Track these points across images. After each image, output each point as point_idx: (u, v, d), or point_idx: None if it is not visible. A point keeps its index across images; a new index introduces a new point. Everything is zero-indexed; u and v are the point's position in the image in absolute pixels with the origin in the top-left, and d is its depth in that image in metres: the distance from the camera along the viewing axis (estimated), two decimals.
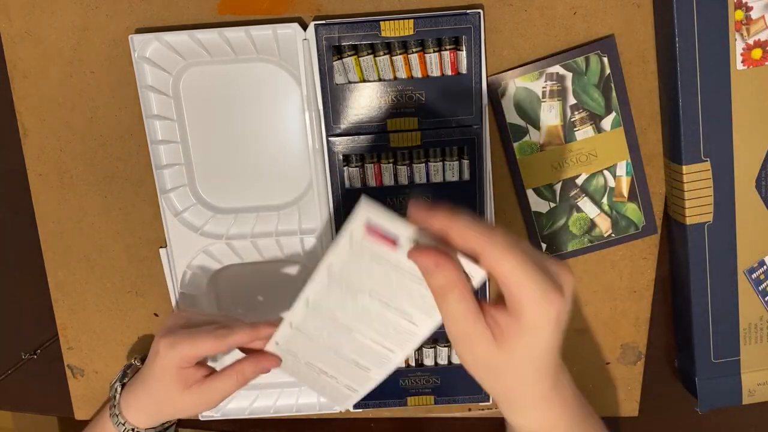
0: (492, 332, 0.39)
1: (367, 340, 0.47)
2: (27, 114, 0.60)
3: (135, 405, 0.56)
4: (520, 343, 0.39)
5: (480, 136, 0.57)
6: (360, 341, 0.48)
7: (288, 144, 0.59)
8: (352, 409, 0.64)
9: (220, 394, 0.54)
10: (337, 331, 0.48)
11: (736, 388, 0.61)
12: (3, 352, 0.68)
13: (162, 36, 0.56)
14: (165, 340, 0.53)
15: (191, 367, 0.54)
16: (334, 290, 0.45)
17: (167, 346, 0.53)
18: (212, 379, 0.54)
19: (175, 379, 0.54)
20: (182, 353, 0.53)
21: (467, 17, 0.54)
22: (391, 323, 0.45)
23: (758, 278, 0.59)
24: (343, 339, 0.48)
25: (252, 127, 0.59)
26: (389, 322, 0.45)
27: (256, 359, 0.53)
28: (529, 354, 0.40)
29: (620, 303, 0.62)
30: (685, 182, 0.56)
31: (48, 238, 0.63)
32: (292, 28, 0.55)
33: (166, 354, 0.53)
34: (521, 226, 0.60)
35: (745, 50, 0.54)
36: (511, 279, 0.37)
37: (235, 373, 0.54)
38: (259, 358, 0.53)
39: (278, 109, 0.58)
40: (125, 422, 0.56)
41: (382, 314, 0.44)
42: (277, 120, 0.59)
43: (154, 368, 0.54)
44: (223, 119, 0.59)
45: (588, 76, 0.57)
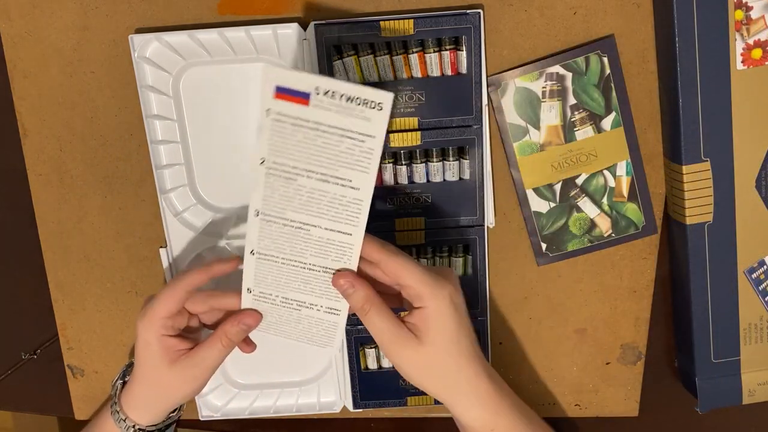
0: (412, 332, 0.47)
1: (324, 230, 0.48)
2: (27, 114, 0.60)
3: (134, 400, 0.56)
4: (433, 330, 0.47)
5: (480, 136, 0.57)
6: (318, 236, 0.48)
7: None
8: (352, 409, 0.64)
9: (208, 363, 0.53)
10: (295, 236, 0.48)
11: (737, 388, 0.61)
12: (3, 352, 0.68)
13: (162, 36, 0.56)
14: (139, 317, 0.54)
15: (173, 338, 0.53)
16: (275, 186, 0.47)
17: (140, 318, 0.53)
18: (196, 349, 0.53)
19: (160, 353, 0.53)
20: (154, 316, 0.52)
21: (467, 17, 0.54)
22: (336, 198, 0.47)
23: (758, 278, 0.59)
24: (302, 243, 0.48)
25: (252, 127, 0.59)
26: (334, 197, 0.47)
27: (235, 317, 0.52)
28: (445, 338, 0.47)
29: (620, 303, 0.62)
30: (685, 182, 0.56)
31: (48, 238, 0.63)
32: (292, 28, 0.55)
33: (141, 326, 0.53)
34: (521, 226, 0.60)
35: (745, 50, 0.54)
36: (406, 275, 0.47)
37: (217, 337, 0.53)
38: (238, 315, 0.52)
39: None
40: (126, 419, 0.56)
41: (325, 191, 0.47)
42: None
43: (139, 352, 0.54)
44: (223, 119, 0.59)
45: (588, 76, 0.57)
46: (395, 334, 0.47)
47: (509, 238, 0.61)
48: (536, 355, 0.64)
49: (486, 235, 0.60)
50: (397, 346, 0.48)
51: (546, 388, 0.65)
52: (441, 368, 0.49)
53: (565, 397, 0.65)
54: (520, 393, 0.64)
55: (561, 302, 0.62)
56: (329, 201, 0.47)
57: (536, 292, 0.62)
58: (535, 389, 0.65)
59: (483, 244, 0.60)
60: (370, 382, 0.63)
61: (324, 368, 0.65)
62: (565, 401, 0.65)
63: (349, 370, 0.63)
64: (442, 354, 0.48)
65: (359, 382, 0.63)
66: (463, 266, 0.61)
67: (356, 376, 0.63)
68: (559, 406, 0.65)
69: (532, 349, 0.64)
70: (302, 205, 0.47)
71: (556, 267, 0.61)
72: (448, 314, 0.48)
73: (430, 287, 0.47)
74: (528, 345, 0.64)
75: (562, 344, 0.63)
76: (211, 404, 0.65)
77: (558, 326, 0.63)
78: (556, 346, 0.63)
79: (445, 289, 0.47)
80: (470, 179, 0.58)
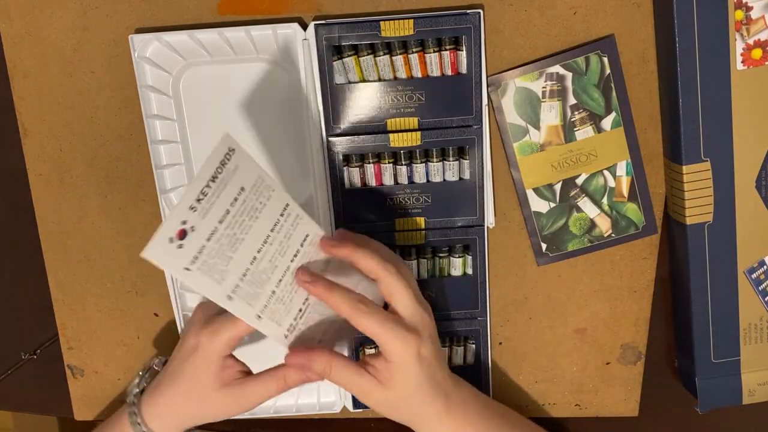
0: (377, 378, 0.50)
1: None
2: (27, 114, 0.60)
3: (160, 412, 0.55)
4: (396, 380, 0.50)
5: (480, 136, 0.57)
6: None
7: (288, 144, 0.59)
8: (352, 409, 0.64)
9: (258, 399, 0.53)
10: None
11: (737, 388, 0.61)
12: (3, 352, 0.68)
13: (162, 36, 0.56)
14: (207, 330, 0.53)
15: (231, 362, 0.53)
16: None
17: (211, 334, 0.52)
18: (252, 380, 0.53)
19: (216, 373, 0.52)
20: (227, 333, 0.52)
21: (467, 17, 0.54)
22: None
23: (758, 278, 0.59)
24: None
25: (252, 127, 0.59)
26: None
27: (301, 366, 0.51)
28: (408, 386, 0.50)
29: (620, 303, 0.62)
30: (685, 182, 0.56)
31: (48, 237, 0.63)
32: (292, 28, 0.55)
33: (210, 341, 0.52)
34: (521, 226, 0.60)
35: (745, 50, 0.54)
36: (376, 336, 0.49)
37: (275, 378, 0.52)
38: (305, 365, 0.51)
39: (278, 109, 0.58)
40: (142, 423, 0.54)
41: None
42: (277, 120, 0.59)
43: (192, 363, 0.53)
44: (223, 119, 0.59)
45: (588, 76, 0.57)
46: (358, 384, 0.51)
47: (509, 238, 0.61)
48: (536, 355, 0.64)
49: (486, 235, 0.60)
50: (364, 394, 0.51)
51: (546, 388, 0.65)
52: (408, 407, 0.52)
53: (565, 397, 0.65)
54: (521, 393, 0.64)
55: (561, 302, 0.62)
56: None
57: (536, 292, 0.62)
58: (535, 389, 0.65)
59: (483, 244, 0.60)
60: None
61: None
62: (565, 401, 0.65)
63: None
64: (404, 398, 0.51)
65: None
66: (463, 266, 0.61)
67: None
68: (559, 406, 0.65)
69: (532, 350, 0.64)
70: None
71: (556, 267, 0.61)
72: (413, 369, 0.50)
73: (396, 347, 0.49)
74: (528, 345, 0.64)
75: (562, 344, 0.63)
76: None
77: (558, 326, 0.63)
78: (556, 346, 0.63)
79: (411, 348, 0.50)
80: (470, 179, 0.58)
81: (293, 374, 0.52)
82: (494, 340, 0.63)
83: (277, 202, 0.46)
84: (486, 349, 0.63)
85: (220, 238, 0.44)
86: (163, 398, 0.55)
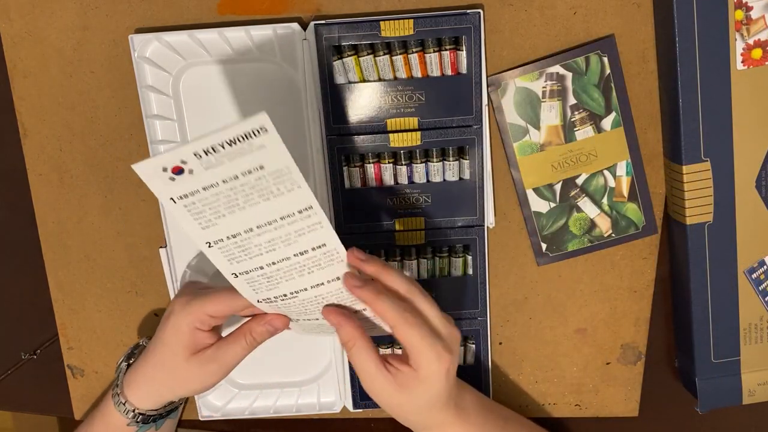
0: (394, 377, 0.49)
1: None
2: (27, 114, 0.60)
3: (137, 383, 0.55)
4: (417, 390, 0.50)
5: (480, 136, 0.57)
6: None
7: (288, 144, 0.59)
8: (352, 409, 0.64)
9: (228, 359, 0.53)
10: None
11: (737, 388, 0.61)
12: (3, 352, 0.68)
13: (162, 36, 0.56)
14: (180, 299, 0.53)
15: (204, 332, 0.53)
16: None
17: (183, 304, 0.52)
18: (219, 343, 0.53)
19: (185, 341, 0.52)
20: (198, 310, 0.52)
21: (467, 17, 0.54)
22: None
23: (758, 278, 0.59)
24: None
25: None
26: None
27: (263, 317, 0.52)
28: (425, 396, 0.50)
29: (620, 303, 0.62)
30: (686, 182, 0.56)
31: (48, 238, 0.63)
32: (291, 28, 0.55)
33: (181, 311, 0.52)
34: (521, 226, 0.60)
35: (746, 50, 0.54)
36: (412, 347, 0.48)
37: (242, 334, 0.52)
38: (267, 317, 0.52)
39: (278, 109, 0.58)
40: (125, 402, 0.55)
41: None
42: (277, 120, 0.59)
43: (164, 331, 0.53)
44: (223, 119, 0.59)
45: (588, 76, 0.57)
46: (373, 373, 0.50)
47: (509, 238, 0.61)
48: (536, 355, 0.64)
49: (486, 235, 0.60)
50: (372, 383, 0.50)
51: (546, 388, 0.65)
52: (416, 412, 0.52)
53: (566, 397, 0.65)
54: (521, 393, 0.64)
55: (561, 302, 0.62)
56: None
57: (536, 292, 0.62)
58: (536, 389, 0.64)
59: (483, 244, 0.60)
60: None
61: (324, 368, 0.65)
62: (565, 401, 0.65)
63: (349, 370, 0.63)
64: (418, 406, 0.51)
65: (359, 382, 0.63)
66: (463, 266, 0.61)
67: (356, 376, 0.63)
68: (560, 406, 0.65)
69: (532, 350, 0.64)
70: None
71: (556, 267, 0.61)
72: (438, 384, 0.50)
73: (430, 364, 0.49)
74: (528, 345, 0.64)
75: (562, 344, 0.63)
76: (211, 404, 0.65)
77: (558, 326, 0.63)
78: (556, 346, 0.63)
79: (443, 366, 0.49)
80: (470, 179, 0.58)
81: (258, 326, 0.52)
82: (494, 340, 0.63)
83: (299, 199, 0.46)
84: (486, 349, 0.63)
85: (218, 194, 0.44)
86: (140, 369, 0.55)
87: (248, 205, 0.44)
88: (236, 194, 0.44)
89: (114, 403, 0.56)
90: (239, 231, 0.46)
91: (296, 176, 0.44)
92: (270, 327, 0.52)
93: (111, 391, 0.57)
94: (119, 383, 0.56)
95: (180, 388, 0.55)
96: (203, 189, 0.43)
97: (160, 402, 0.56)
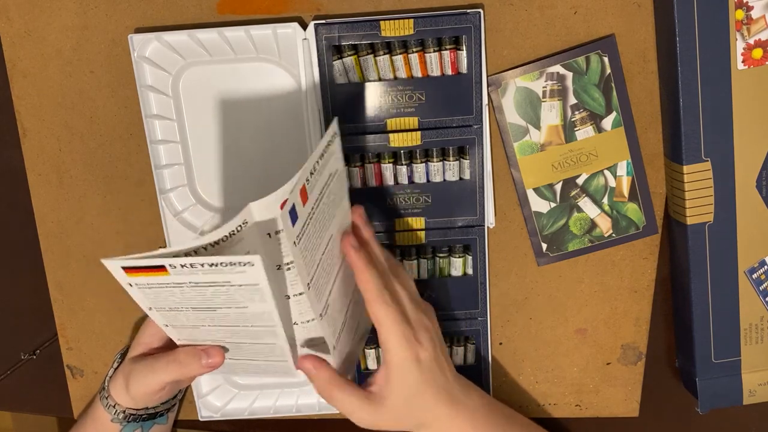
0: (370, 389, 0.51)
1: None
2: (26, 114, 0.60)
3: (115, 380, 0.57)
4: (394, 388, 0.50)
5: (480, 136, 0.57)
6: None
7: (288, 144, 0.59)
8: None
9: (154, 377, 0.53)
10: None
11: (737, 389, 0.60)
12: (2, 353, 0.68)
13: (162, 36, 0.56)
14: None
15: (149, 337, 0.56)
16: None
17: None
18: (153, 358, 0.53)
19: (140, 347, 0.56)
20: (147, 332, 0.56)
21: (467, 17, 0.54)
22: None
23: (759, 278, 0.59)
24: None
25: (251, 126, 0.59)
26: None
27: (200, 349, 0.51)
28: (403, 388, 0.50)
29: (620, 303, 0.62)
30: (686, 182, 0.56)
31: (47, 238, 0.63)
32: (291, 28, 0.55)
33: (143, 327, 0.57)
34: (521, 226, 0.60)
35: (746, 50, 0.54)
36: (382, 326, 0.49)
37: (171, 359, 0.52)
38: (205, 348, 0.51)
39: (278, 109, 0.58)
40: (108, 396, 0.56)
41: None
42: (277, 120, 0.59)
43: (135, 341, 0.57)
44: (222, 119, 0.59)
45: (588, 75, 0.57)
46: (359, 406, 0.51)
47: (509, 238, 0.61)
48: (537, 355, 0.64)
49: (486, 235, 0.59)
50: (364, 415, 0.51)
51: (546, 388, 0.64)
52: (407, 418, 0.52)
53: (566, 397, 0.65)
54: (521, 394, 0.64)
55: (561, 302, 0.62)
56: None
57: (536, 292, 0.62)
58: (536, 390, 0.64)
59: (483, 244, 0.60)
60: None
61: None
62: (565, 402, 0.65)
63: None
64: (405, 408, 0.51)
65: (359, 382, 0.63)
66: (463, 266, 0.61)
67: (356, 377, 0.63)
68: (560, 406, 0.65)
69: (533, 350, 0.64)
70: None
71: (556, 267, 0.61)
72: (412, 370, 0.50)
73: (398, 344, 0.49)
74: (528, 345, 0.63)
75: (563, 344, 0.63)
76: (210, 404, 0.65)
77: (558, 326, 0.63)
78: (557, 346, 0.63)
79: (411, 350, 0.50)
80: (470, 179, 0.58)
81: (186, 356, 0.51)
82: (495, 340, 0.63)
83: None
84: (486, 350, 0.63)
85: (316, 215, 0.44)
86: (118, 372, 0.57)
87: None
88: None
89: (99, 398, 0.57)
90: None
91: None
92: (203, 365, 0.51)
93: (99, 390, 0.58)
94: (106, 380, 0.58)
95: (133, 390, 0.55)
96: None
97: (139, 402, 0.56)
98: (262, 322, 0.46)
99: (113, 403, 0.56)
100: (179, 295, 0.44)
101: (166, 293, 0.44)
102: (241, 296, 0.43)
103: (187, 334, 0.50)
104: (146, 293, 0.44)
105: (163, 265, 0.41)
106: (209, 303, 0.44)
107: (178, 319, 0.48)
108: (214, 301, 0.44)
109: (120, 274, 0.43)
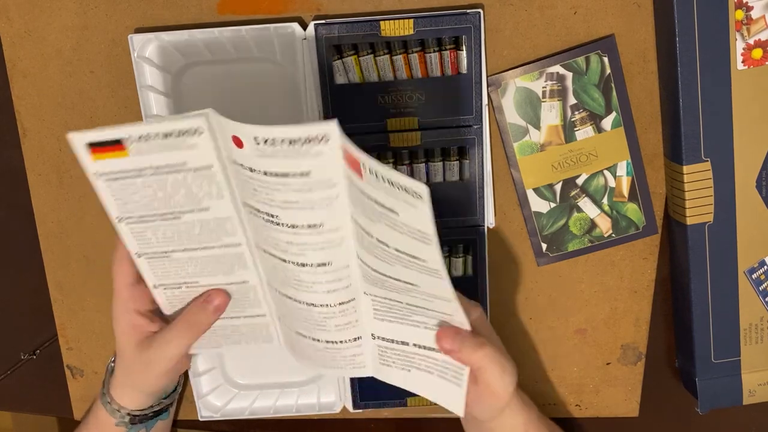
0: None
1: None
2: (26, 114, 0.60)
3: (116, 382, 0.56)
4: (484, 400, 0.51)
5: (480, 136, 0.57)
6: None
7: None
8: (352, 410, 0.64)
9: (173, 346, 0.52)
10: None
11: (737, 389, 0.60)
12: (2, 353, 0.68)
13: (162, 36, 0.56)
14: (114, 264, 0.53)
15: (141, 316, 0.52)
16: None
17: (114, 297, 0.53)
18: (163, 330, 0.52)
19: (127, 331, 0.52)
20: (122, 288, 0.52)
21: (467, 17, 0.54)
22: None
23: (759, 278, 0.59)
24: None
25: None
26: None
27: (201, 299, 0.51)
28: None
29: (620, 303, 0.62)
30: (686, 182, 0.56)
31: (47, 238, 0.63)
32: (291, 28, 0.55)
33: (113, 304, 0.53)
34: (521, 226, 0.60)
35: (746, 50, 0.54)
36: (481, 368, 0.48)
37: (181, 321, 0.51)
38: (204, 296, 0.51)
39: (278, 109, 0.58)
40: (111, 401, 0.56)
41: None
42: (277, 120, 0.59)
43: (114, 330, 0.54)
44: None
45: (588, 75, 0.57)
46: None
47: (509, 238, 0.61)
48: (536, 355, 0.64)
49: (486, 235, 0.59)
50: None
51: (546, 388, 0.64)
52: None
53: (566, 397, 0.65)
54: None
55: (561, 302, 0.62)
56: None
57: (536, 293, 0.62)
58: (536, 390, 0.64)
59: (483, 244, 0.60)
60: (370, 382, 0.63)
61: None
62: (565, 402, 0.65)
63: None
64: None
65: (359, 382, 0.63)
66: (463, 266, 0.61)
67: (356, 377, 0.63)
68: (560, 406, 0.65)
69: (533, 350, 0.64)
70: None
71: (556, 267, 0.61)
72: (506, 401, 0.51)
73: (501, 380, 0.50)
74: (528, 345, 0.63)
75: (563, 345, 0.63)
76: (210, 404, 0.65)
77: (558, 326, 0.63)
78: (557, 346, 0.63)
79: (512, 381, 0.51)
80: (470, 179, 0.58)
81: (196, 309, 0.51)
82: None
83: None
84: None
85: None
86: (115, 372, 0.56)
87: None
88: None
89: (102, 403, 0.56)
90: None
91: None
92: (212, 310, 0.51)
93: (100, 391, 0.57)
94: (106, 383, 0.57)
95: (140, 382, 0.55)
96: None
97: (142, 400, 0.56)
98: (228, 237, 0.47)
99: (117, 407, 0.56)
100: (142, 192, 0.45)
101: (130, 191, 0.45)
102: (197, 188, 0.44)
103: (162, 270, 0.50)
104: (113, 189, 0.45)
105: (120, 140, 0.42)
106: (173, 204, 0.45)
107: (147, 241, 0.48)
108: (176, 200, 0.45)
109: (87, 161, 0.43)
